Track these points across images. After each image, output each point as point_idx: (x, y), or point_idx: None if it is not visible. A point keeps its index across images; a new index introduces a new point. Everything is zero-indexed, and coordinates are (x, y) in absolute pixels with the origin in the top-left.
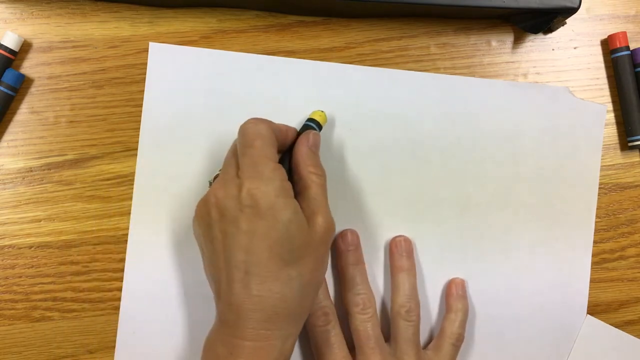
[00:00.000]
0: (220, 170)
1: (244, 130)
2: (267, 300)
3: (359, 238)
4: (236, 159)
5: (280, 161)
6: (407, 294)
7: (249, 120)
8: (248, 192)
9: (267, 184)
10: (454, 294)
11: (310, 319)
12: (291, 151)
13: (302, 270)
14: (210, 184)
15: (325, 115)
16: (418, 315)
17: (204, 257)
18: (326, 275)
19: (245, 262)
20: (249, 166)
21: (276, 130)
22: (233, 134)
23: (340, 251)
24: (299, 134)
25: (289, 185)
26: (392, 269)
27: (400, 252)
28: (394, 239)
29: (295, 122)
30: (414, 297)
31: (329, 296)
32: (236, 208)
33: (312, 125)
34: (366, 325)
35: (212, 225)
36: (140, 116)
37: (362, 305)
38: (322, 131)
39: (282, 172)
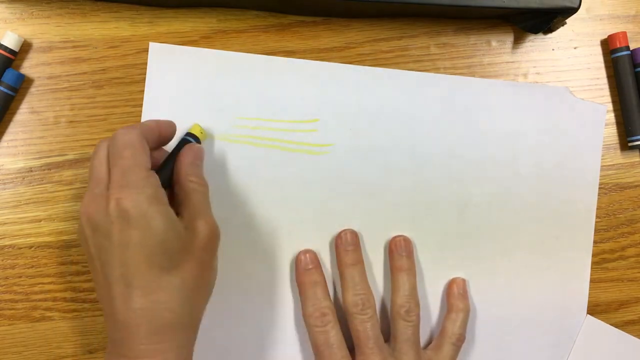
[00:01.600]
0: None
1: (113, 141)
2: (152, 312)
3: (358, 238)
4: (106, 170)
5: (161, 167)
6: (407, 294)
7: (118, 130)
8: (117, 203)
9: (137, 192)
10: (455, 294)
11: (309, 320)
12: (173, 158)
13: (184, 276)
14: None
15: (204, 131)
16: (418, 315)
17: (92, 274)
18: (326, 275)
19: (123, 275)
20: (119, 176)
21: (147, 131)
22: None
23: (339, 251)
24: (177, 147)
25: (162, 192)
26: (391, 269)
27: (400, 252)
28: (393, 238)
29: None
30: (413, 297)
31: (329, 296)
32: (107, 221)
33: (190, 139)
34: (365, 326)
35: (87, 241)
36: (140, 116)
37: (361, 306)
38: (322, 132)
39: (154, 179)
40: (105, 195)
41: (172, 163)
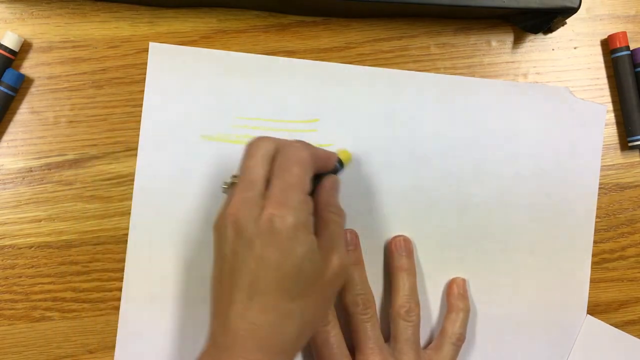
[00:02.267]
0: (235, 176)
1: (285, 150)
2: (262, 331)
3: (358, 238)
4: (265, 175)
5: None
6: (407, 294)
7: (293, 142)
8: (270, 217)
9: (292, 214)
10: (456, 294)
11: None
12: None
13: (305, 308)
14: (224, 190)
15: (350, 155)
16: (418, 315)
17: (213, 271)
18: None
19: (251, 287)
20: (280, 191)
21: (317, 158)
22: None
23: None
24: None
25: (312, 220)
26: (391, 269)
27: (400, 252)
28: (393, 238)
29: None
30: (413, 297)
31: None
32: (254, 231)
33: (337, 165)
34: (366, 326)
35: (226, 242)
36: (140, 116)
37: (361, 306)
38: (322, 132)
39: (309, 206)
40: (260, 204)
41: (313, 191)
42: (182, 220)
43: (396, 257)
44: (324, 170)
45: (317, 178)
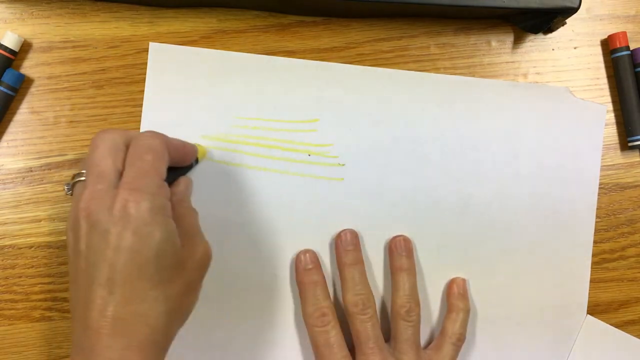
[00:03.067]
0: (79, 173)
1: (136, 141)
2: (128, 325)
3: (358, 238)
4: (116, 166)
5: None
6: (407, 293)
7: (144, 132)
8: (125, 205)
9: (147, 199)
10: (456, 294)
11: (309, 320)
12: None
13: (170, 294)
14: (67, 191)
15: (205, 151)
16: (418, 315)
17: (69, 273)
18: (326, 275)
19: (110, 279)
20: (134, 178)
21: (172, 147)
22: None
23: (339, 251)
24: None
25: (169, 205)
26: (391, 269)
27: (399, 252)
28: (393, 238)
29: (294, 122)
30: (413, 297)
31: (329, 296)
32: (108, 220)
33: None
34: (366, 326)
35: (79, 238)
36: (140, 116)
37: (361, 306)
38: (322, 132)
39: (166, 191)
40: (111, 193)
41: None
42: None
43: (396, 257)
44: (181, 164)
45: (172, 173)
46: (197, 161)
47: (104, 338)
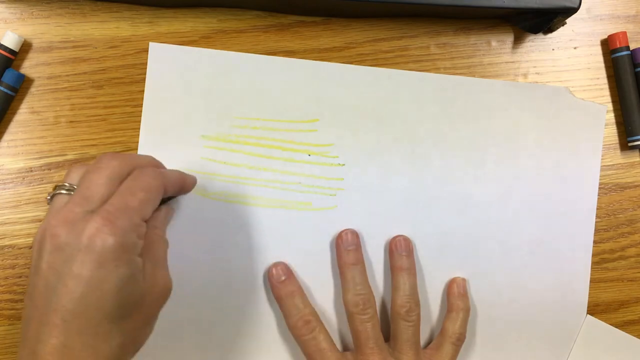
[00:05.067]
0: (61, 186)
1: (137, 175)
2: (76, 354)
3: (358, 238)
4: (107, 195)
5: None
6: (407, 293)
7: (149, 169)
8: (95, 233)
9: (118, 234)
10: (456, 293)
11: (294, 331)
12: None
13: (126, 329)
14: (49, 201)
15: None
16: (418, 315)
17: (28, 287)
18: (326, 276)
19: (66, 309)
20: (116, 209)
21: (170, 184)
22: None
23: (340, 251)
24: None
25: (141, 244)
26: (392, 269)
27: (400, 252)
28: (393, 238)
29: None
30: (413, 297)
31: (309, 303)
32: (75, 246)
33: None
34: (366, 326)
35: (42, 255)
36: (140, 116)
37: (362, 306)
38: (322, 132)
39: (141, 230)
40: (87, 218)
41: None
42: (182, 221)
43: (396, 257)
44: (184, 193)
45: None
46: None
47: None
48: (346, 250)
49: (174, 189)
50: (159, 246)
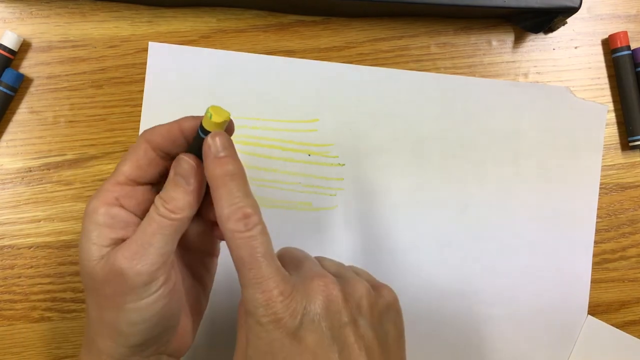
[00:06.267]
0: None
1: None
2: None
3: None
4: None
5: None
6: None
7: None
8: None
9: (90, 203)
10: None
11: (227, 224)
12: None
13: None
14: None
15: (219, 113)
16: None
17: None
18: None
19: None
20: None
21: (153, 132)
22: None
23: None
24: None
25: (109, 211)
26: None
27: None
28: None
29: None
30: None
31: (251, 193)
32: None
33: (199, 132)
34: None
35: None
36: (139, 116)
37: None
38: (322, 132)
39: (110, 196)
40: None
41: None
42: None
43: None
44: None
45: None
46: (204, 131)
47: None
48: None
49: (162, 135)
50: (145, 219)
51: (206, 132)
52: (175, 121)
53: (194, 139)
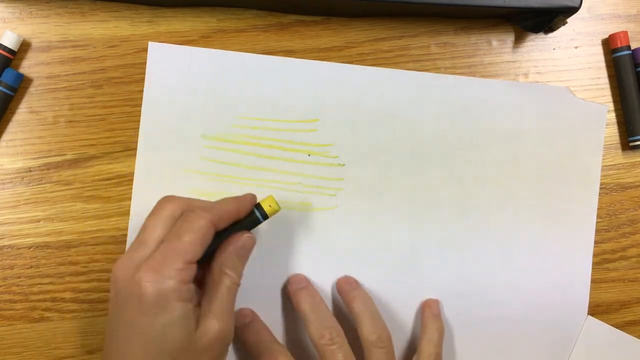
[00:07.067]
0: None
1: (185, 217)
2: None
3: (306, 277)
4: (162, 237)
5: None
6: (372, 319)
7: (199, 208)
8: (140, 281)
9: (161, 281)
10: (430, 315)
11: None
12: (220, 239)
13: None
14: None
15: (276, 204)
16: (389, 339)
17: None
18: (325, 276)
19: (118, 351)
20: (161, 256)
21: (221, 218)
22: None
23: (292, 291)
24: (245, 218)
25: (187, 288)
26: (347, 303)
27: (350, 287)
28: (338, 280)
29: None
30: (378, 322)
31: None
32: (126, 293)
33: (258, 215)
34: (337, 356)
35: (111, 297)
36: (139, 116)
37: (328, 336)
38: (322, 132)
39: (187, 274)
40: (138, 263)
41: (218, 242)
42: None
43: (348, 291)
44: (237, 216)
45: (235, 226)
46: (266, 217)
47: None
48: (298, 289)
49: (228, 219)
50: (221, 288)
51: (263, 214)
52: (236, 206)
53: (245, 218)
